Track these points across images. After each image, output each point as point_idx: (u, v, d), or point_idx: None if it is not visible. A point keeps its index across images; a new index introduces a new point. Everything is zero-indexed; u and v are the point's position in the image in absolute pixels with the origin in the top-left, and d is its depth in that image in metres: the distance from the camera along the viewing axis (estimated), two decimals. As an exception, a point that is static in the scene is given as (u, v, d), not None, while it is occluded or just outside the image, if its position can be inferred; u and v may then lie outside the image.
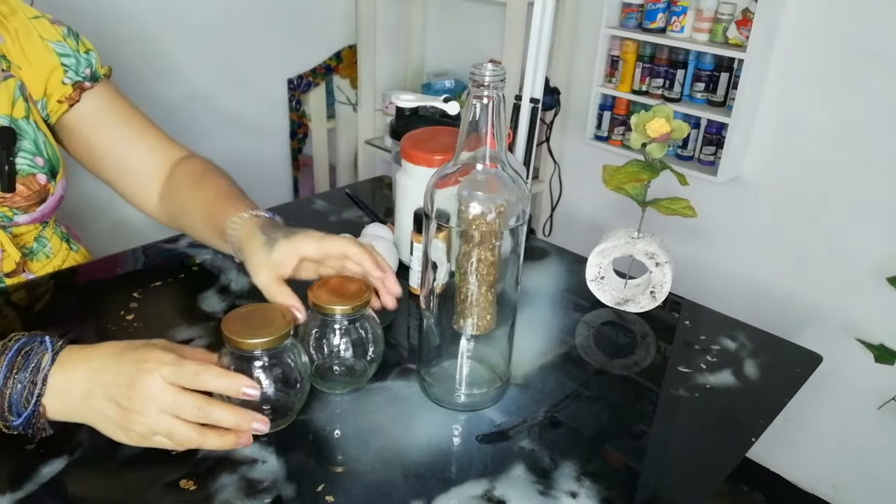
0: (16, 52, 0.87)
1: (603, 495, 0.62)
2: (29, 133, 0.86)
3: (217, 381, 0.60)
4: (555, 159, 2.03)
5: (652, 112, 0.82)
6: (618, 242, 0.88)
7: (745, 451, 0.69)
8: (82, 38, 0.92)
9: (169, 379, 0.58)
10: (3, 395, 0.58)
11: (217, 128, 1.90)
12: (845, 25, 1.49)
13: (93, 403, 0.59)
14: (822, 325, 1.69)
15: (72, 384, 0.60)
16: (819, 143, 1.59)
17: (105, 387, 0.59)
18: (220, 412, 0.60)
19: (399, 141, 0.94)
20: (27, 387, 0.59)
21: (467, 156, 0.62)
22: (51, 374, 0.59)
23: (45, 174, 0.88)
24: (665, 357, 0.83)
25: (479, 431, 0.68)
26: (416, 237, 0.86)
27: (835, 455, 1.77)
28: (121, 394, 0.58)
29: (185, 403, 0.58)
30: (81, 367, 0.60)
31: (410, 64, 2.29)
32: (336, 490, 0.60)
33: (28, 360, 0.59)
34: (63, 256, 0.98)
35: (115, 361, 0.60)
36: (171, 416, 0.58)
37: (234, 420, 0.60)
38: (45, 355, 0.60)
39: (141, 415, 0.58)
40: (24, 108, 0.86)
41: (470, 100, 0.61)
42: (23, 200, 0.87)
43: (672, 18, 1.66)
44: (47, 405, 0.60)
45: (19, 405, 0.59)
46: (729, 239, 1.81)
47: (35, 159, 0.87)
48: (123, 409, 0.58)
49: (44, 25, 0.89)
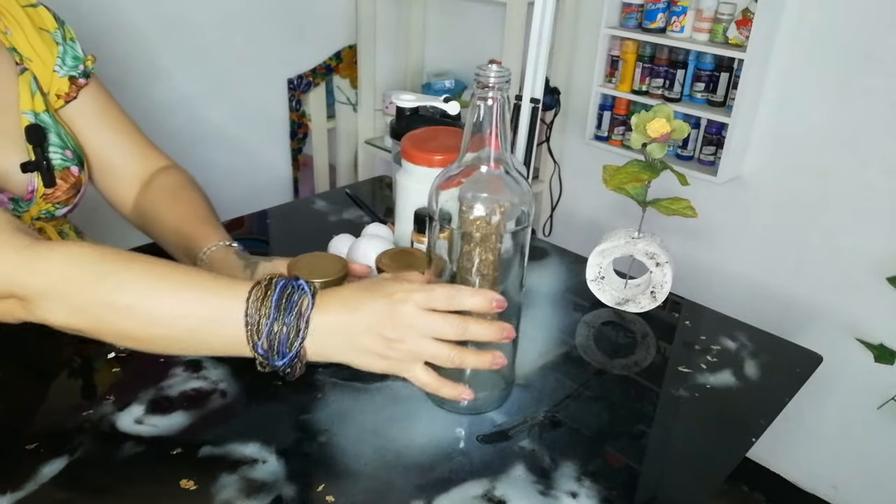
0: (24, 44, 0.85)
1: (603, 495, 0.62)
2: (52, 126, 0.86)
3: (472, 298, 0.62)
4: (555, 159, 2.03)
5: (652, 112, 0.82)
6: (618, 242, 0.88)
7: (745, 451, 0.69)
8: (67, 26, 0.91)
9: (423, 304, 0.61)
10: (272, 336, 0.60)
11: (217, 128, 1.90)
12: (845, 26, 1.49)
13: (355, 340, 0.61)
14: (822, 325, 1.69)
15: (333, 324, 0.61)
16: (819, 143, 1.59)
17: (365, 321, 0.61)
18: (478, 327, 0.62)
19: (399, 141, 0.94)
20: (292, 329, 0.60)
21: (471, 157, 0.63)
22: (312, 315, 0.61)
23: (76, 165, 0.88)
24: (665, 357, 0.83)
25: (479, 431, 0.68)
26: (416, 237, 0.86)
27: (835, 455, 1.77)
28: (382, 325, 0.61)
29: (445, 324, 0.61)
30: (339, 308, 0.62)
31: (410, 64, 2.29)
32: (336, 490, 0.60)
33: (290, 302, 0.61)
34: None
35: (367, 299, 0.62)
36: (432, 339, 0.61)
37: (490, 332, 0.62)
38: (306, 298, 0.61)
39: (403, 342, 0.61)
40: (43, 101, 0.86)
41: (474, 101, 0.61)
42: (63, 194, 0.87)
43: (672, 18, 1.65)
44: (309, 347, 0.62)
45: (285, 347, 0.61)
46: (729, 239, 1.81)
47: (65, 152, 0.87)
48: (387, 340, 0.61)
49: (41, 14, 0.88)
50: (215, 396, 0.70)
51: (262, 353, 0.61)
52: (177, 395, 0.70)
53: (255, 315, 0.60)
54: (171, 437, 0.65)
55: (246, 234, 1.06)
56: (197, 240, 0.83)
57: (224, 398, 0.70)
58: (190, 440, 0.65)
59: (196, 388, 0.71)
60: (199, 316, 0.61)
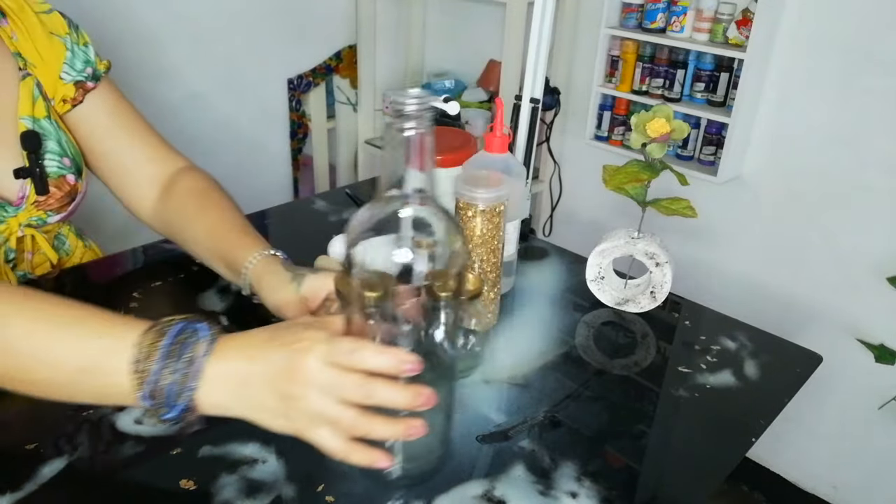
0: (29, 49, 0.85)
1: (603, 495, 0.62)
2: (52, 133, 0.86)
3: (376, 357, 0.53)
4: (555, 159, 2.03)
5: (652, 112, 0.82)
6: (618, 242, 0.88)
7: (745, 451, 0.69)
8: (81, 31, 0.90)
9: (325, 359, 0.53)
10: (159, 386, 0.54)
11: (217, 128, 1.90)
12: (845, 26, 1.49)
13: (250, 394, 0.55)
14: (822, 325, 1.69)
15: (227, 375, 0.55)
16: (819, 143, 1.59)
17: (261, 375, 0.54)
18: (386, 389, 0.53)
19: (399, 141, 0.94)
20: (181, 379, 0.54)
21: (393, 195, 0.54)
22: (206, 364, 0.55)
23: (73, 174, 0.88)
24: (665, 357, 0.83)
25: (479, 431, 0.68)
26: (416, 237, 0.86)
27: (835, 455, 1.77)
28: (278, 379, 0.54)
29: (347, 381, 0.53)
30: (236, 356, 0.55)
31: (410, 64, 2.29)
32: (336, 490, 0.60)
33: (183, 348, 0.55)
34: (80, 253, 0.98)
35: (267, 348, 0.55)
36: (334, 400, 0.53)
37: (402, 397, 0.53)
38: (202, 344, 0.55)
39: (302, 400, 0.53)
40: (45, 107, 0.85)
41: (390, 131, 0.52)
42: (56, 202, 0.86)
43: (672, 18, 1.65)
44: (202, 398, 0.55)
45: (173, 398, 0.54)
46: (729, 239, 1.81)
47: (62, 160, 0.86)
48: (283, 397, 0.54)
49: (53, 20, 0.87)
50: (215, 396, 0.70)
51: (148, 405, 0.55)
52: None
53: (143, 362, 0.54)
54: (171, 437, 0.65)
55: (246, 234, 1.06)
56: (236, 250, 0.78)
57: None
58: (190, 440, 0.65)
59: (196, 388, 0.71)
60: (81, 360, 0.56)
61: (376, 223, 0.54)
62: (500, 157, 0.85)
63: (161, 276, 0.91)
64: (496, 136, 0.84)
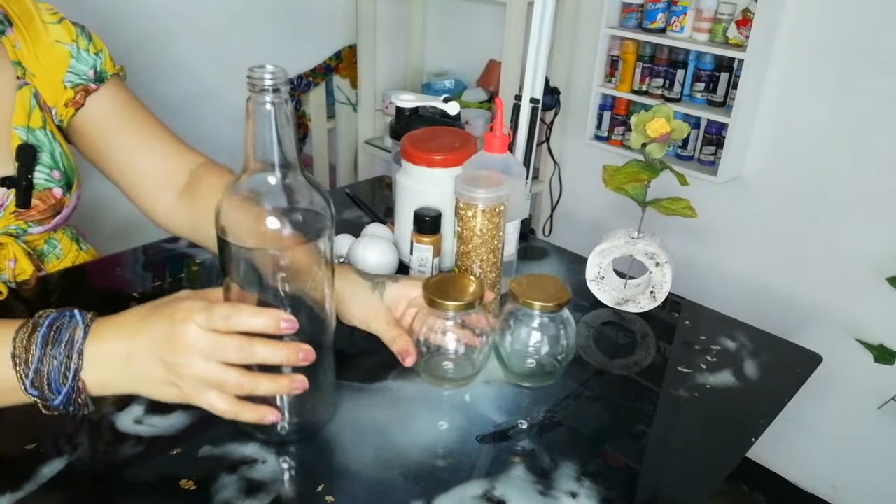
0: (31, 58, 0.84)
1: (603, 495, 0.62)
2: (46, 144, 0.85)
3: (252, 319, 0.56)
4: (555, 159, 2.03)
5: (652, 112, 0.82)
6: (618, 242, 0.88)
7: (745, 451, 0.69)
8: (94, 38, 0.89)
9: (204, 325, 0.56)
10: (41, 373, 0.56)
11: (217, 128, 1.90)
12: (845, 25, 1.49)
13: (136, 367, 0.57)
14: (822, 325, 1.69)
15: (110, 353, 0.57)
16: (819, 143, 1.59)
17: (144, 347, 0.56)
18: (266, 348, 0.57)
19: (399, 141, 0.94)
20: (63, 362, 0.56)
21: (258, 166, 0.57)
22: (86, 346, 0.57)
23: (61, 188, 0.87)
24: (665, 357, 0.83)
25: (479, 431, 0.68)
26: (416, 237, 0.86)
27: (835, 455, 1.77)
28: (161, 349, 0.56)
29: (227, 344, 0.56)
30: (115, 335, 0.58)
31: (410, 64, 2.29)
32: (336, 490, 0.60)
33: (60, 334, 0.57)
34: (73, 257, 0.97)
35: (147, 322, 0.58)
36: (218, 363, 0.56)
37: (282, 353, 0.57)
38: (77, 329, 0.57)
39: (186, 367, 0.56)
40: (41, 117, 0.84)
41: (250, 106, 0.56)
42: (38, 214, 0.86)
43: (672, 18, 1.66)
44: (88, 379, 0.57)
45: (58, 382, 0.56)
46: (729, 239, 1.81)
47: (52, 173, 0.86)
48: (168, 365, 0.56)
49: (60, 28, 0.86)
50: (215, 396, 0.70)
51: (35, 394, 0.57)
52: (177, 395, 0.70)
53: (23, 354, 0.56)
54: (171, 437, 0.65)
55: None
56: None
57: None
58: (190, 440, 0.65)
59: (196, 388, 0.71)
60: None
61: (247, 193, 0.58)
62: (500, 157, 0.85)
63: (161, 276, 0.91)
64: (496, 136, 0.84)
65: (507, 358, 0.74)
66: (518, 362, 0.75)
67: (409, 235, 0.87)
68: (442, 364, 0.74)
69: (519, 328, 0.74)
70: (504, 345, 0.74)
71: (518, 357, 0.75)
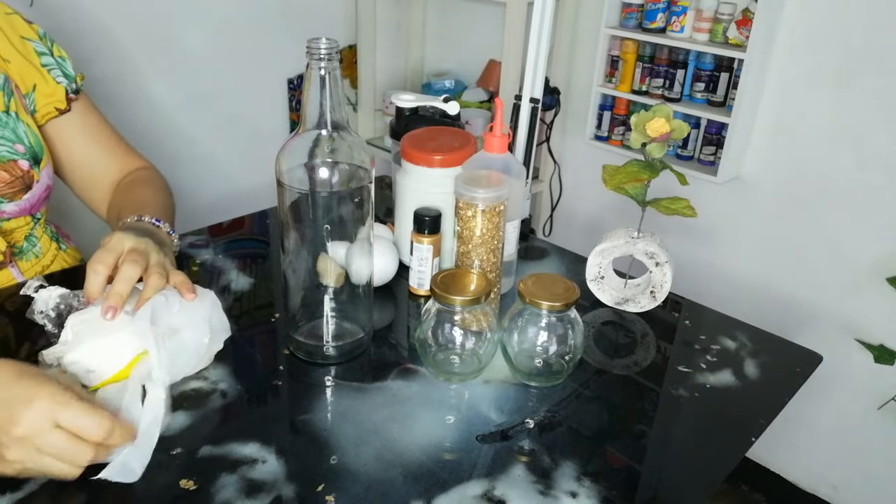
0: (4, 45, 0.88)
1: (603, 495, 0.62)
2: (8, 123, 0.87)
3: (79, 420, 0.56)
4: (555, 159, 2.03)
5: (652, 112, 0.82)
6: (618, 242, 0.88)
7: (745, 451, 0.69)
8: (56, 44, 0.95)
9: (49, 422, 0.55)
10: None
11: (217, 128, 1.90)
12: (845, 25, 1.49)
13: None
14: (822, 325, 1.69)
15: None
16: (819, 143, 1.59)
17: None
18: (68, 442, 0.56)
19: (399, 141, 0.94)
20: None
21: (313, 122, 0.68)
22: None
23: (26, 160, 0.88)
24: (665, 357, 0.83)
25: (479, 431, 0.68)
26: (416, 237, 0.86)
27: (835, 455, 1.77)
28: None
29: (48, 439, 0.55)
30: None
31: (410, 64, 2.29)
32: (336, 490, 0.60)
33: None
34: (52, 256, 0.97)
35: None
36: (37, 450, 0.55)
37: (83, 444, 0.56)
38: None
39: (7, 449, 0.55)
40: (3, 101, 0.87)
41: (309, 71, 0.66)
42: (6, 187, 0.86)
43: (672, 18, 1.65)
44: None
45: None
46: (729, 239, 1.81)
47: (15, 146, 0.87)
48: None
49: (19, 23, 0.91)
50: (215, 396, 0.70)
51: None
52: (177, 394, 0.70)
53: None
54: (171, 437, 0.65)
55: (246, 235, 1.06)
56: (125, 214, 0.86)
57: (224, 398, 0.70)
58: (190, 440, 0.65)
59: (196, 388, 0.71)
60: None
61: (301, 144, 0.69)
62: (500, 157, 0.85)
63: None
64: (496, 136, 0.84)
65: (514, 357, 0.74)
66: (525, 362, 0.75)
67: (409, 235, 0.87)
68: (449, 358, 0.75)
69: (526, 328, 0.74)
70: (511, 344, 0.74)
71: (525, 356, 0.75)
